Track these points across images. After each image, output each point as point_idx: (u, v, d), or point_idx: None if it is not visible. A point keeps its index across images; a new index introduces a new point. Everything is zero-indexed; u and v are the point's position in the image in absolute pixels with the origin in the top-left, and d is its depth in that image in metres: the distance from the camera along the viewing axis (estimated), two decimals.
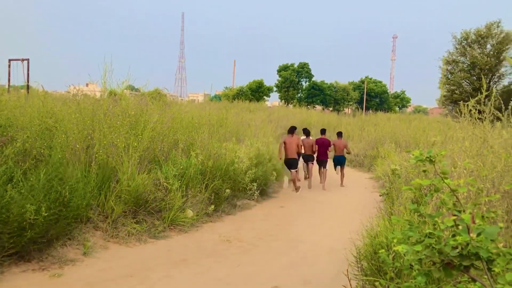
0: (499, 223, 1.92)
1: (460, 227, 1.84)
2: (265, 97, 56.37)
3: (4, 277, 4.53)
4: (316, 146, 12.42)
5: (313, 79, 64.53)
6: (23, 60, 17.05)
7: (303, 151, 11.95)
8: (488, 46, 26.81)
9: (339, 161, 12.96)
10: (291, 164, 11.05)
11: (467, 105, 4.66)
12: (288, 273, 5.39)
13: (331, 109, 63.65)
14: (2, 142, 6.58)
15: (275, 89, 62.31)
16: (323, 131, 13.09)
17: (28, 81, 15.65)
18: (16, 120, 7.46)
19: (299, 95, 63.79)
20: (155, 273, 5.10)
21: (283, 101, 63.27)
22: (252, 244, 6.59)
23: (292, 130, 11.37)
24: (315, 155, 12.50)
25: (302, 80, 64.44)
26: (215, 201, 8.10)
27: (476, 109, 4.75)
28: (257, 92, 54.67)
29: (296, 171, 11.19)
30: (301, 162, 12.34)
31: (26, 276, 4.64)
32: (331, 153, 13.03)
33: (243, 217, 8.32)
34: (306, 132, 12.94)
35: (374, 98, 70.50)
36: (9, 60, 18.13)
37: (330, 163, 12.90)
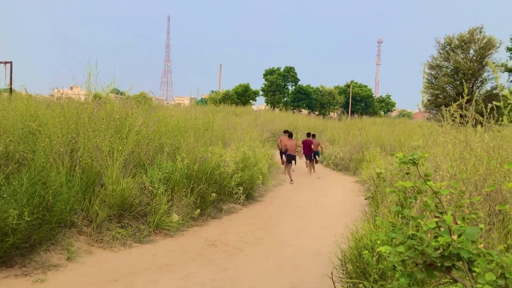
0: (480, 225, 1.95)
1: (442, 228, 1.86)
2: (251, 101, 56.50)
3: None
4: (302, 145, 16.38)
5: (299, 83, 64.90)
6: (6, 62, 16.81)
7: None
8: (471, 51, 27.24)
9: (314, 156, 16.64)
10: (291, 159, 14.90)
11: (449, 109, 4.73)
12: (274, 276, 5.39)
13: (317, 113, 64.01)
14: None
15: (261, 93, 62.50)
16: (308, 134, 17.50)
17: (11, 84, 15.44)
18: None
19: (285, 99, 64.06)
20: (140, 277, 5.06)
21: (269, 105, 63.47)
22: (237, 248, 6.58)
23: (290, 134, 15.77)
24: (301, 153, 16.72)
25: (288, 84, 64.75)
26: (200, 205, 8.07)
27: (458, 114, 4.82)
28: (243, 96, 54.79)
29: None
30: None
31: (8, 281, 4.56)
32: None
33: (229, 221, 8.30)
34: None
35: (359, 102, 71.13)
36: None
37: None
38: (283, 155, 15.44)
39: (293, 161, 15.00)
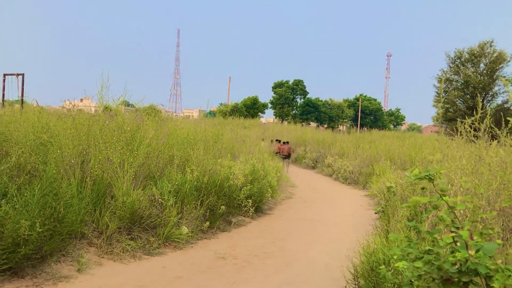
0: (496, 240, 1.92)
1: (458, 243, 1.84)
2: (260, 113, 56.66)
3: None
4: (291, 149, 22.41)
5: (308, 96, 65.01)
6: (18, 75, 17.06)
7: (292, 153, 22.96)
8: (482, 65, 27.17)
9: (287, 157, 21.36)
10: (286, 157, 20.79)
11: (464, 123, 4.71)
12: None
13: (325, 126, 63.97)
14: None
15: (270, 105, 62.67)
16: (285, 142, 22.58)
17: (22, 96, 15.64)
18: (11, 135, 7.43)
19: (293, 112, 64.13)
20: None
21: (278, 117, 63.56)
22: (247, 261, 6.54)
23: (285, 142, 22.21)
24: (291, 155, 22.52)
25: (297, 97, 64.89)
26: (210, 218, 8.05)
27: (472, 127, 4.79)
28: (252, 108, 54.97)
29: (288, 161, 21.19)
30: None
31: None
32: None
33: (238, 234, 8.27)
34: (285, 142, 22.62)
35: (368, 115, 71.00)
36: (4, 75, 18.12)
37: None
38: (277, 154, 20.68)
39: (286, 159, 20.87)
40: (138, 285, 5.15)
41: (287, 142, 22.95)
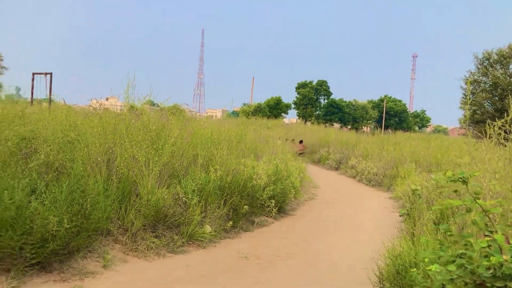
0: None
1: (492, 247, 1.79)
2: (283, 114, 56.58)
3: (26, 286, 4.57)
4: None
5: (332, 96, 64.55)
6: (46, 74, 17.47)
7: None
8: (511, 66, 26.48)
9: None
10: (301, 154, 22.80)
11: (494, 125, 4.59)
12: None
13: (349, 127, 63.42)
14: (26, 154, 6.71)
15: (293, 106, 62.50)
16: (301, 141, 25.82)
17: (50, 94, 16.01)
18: (39, 132, 7.60)
19: (317, 112, 63.78)
20: None
21: (301, 118, 63.33)
22: (270, 261, 6.53)
23: (300, 141, 25.30)
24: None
25: (320, 97, 64.50)
26: (233, 217, 8.07)
27: (502, 130, 4.67)
28: (275, 109, 54.93)
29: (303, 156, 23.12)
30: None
31: (47, 286, 4.67)
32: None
33: (260, 234, 8.27)
34: (300, 141, 25.65)
35: (393, 117, 70.08)
36: (33, 74, 18.60)
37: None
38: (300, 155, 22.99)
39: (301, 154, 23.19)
40: (162, 283, 5.21)
41: (302, 141, 26.38)
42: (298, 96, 63.59)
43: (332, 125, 60.83)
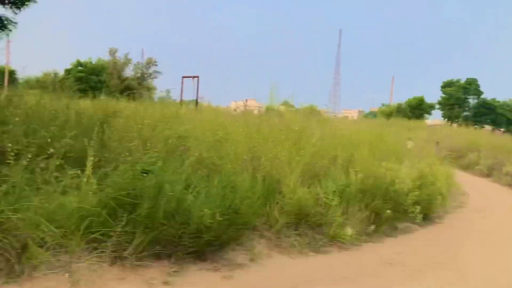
0: None
1: None
2: (425, 114, 53.30)
3: (184, 272, 5.03)
4: None
5: (483, 96, 58.60)
6: (193, 77, 19.00)
7: None
8: None
9: None
10: None
11: None
12: None
13: (503, 129, 56.87)
14: (183, 150, 7.37)
15: (437, 106, 58.35)
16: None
17: (197, 97, 17.39)
18: (191, 132, 8.26)
19: (465, 113, 58.48)
20: (317, 287, 5.12)
21: (446, 119, 58.77)
22: (417, 270, 6.19)
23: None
24: None
25: (469, 97, 59.04)
26: (375, 221, 7.83)
27: None
28: (417, 109, 52.00)
29: None
30: None
31: (201, 273, 5.08)
32: None
33: (404, 241, 7.88)
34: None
35: None
36: (183, 77, 20.37)
37: None
38: None
39: None
40: (306, 280, 5.29)
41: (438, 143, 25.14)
42: (443, 95, 59.04)
43: (483, 127, 55.24)
